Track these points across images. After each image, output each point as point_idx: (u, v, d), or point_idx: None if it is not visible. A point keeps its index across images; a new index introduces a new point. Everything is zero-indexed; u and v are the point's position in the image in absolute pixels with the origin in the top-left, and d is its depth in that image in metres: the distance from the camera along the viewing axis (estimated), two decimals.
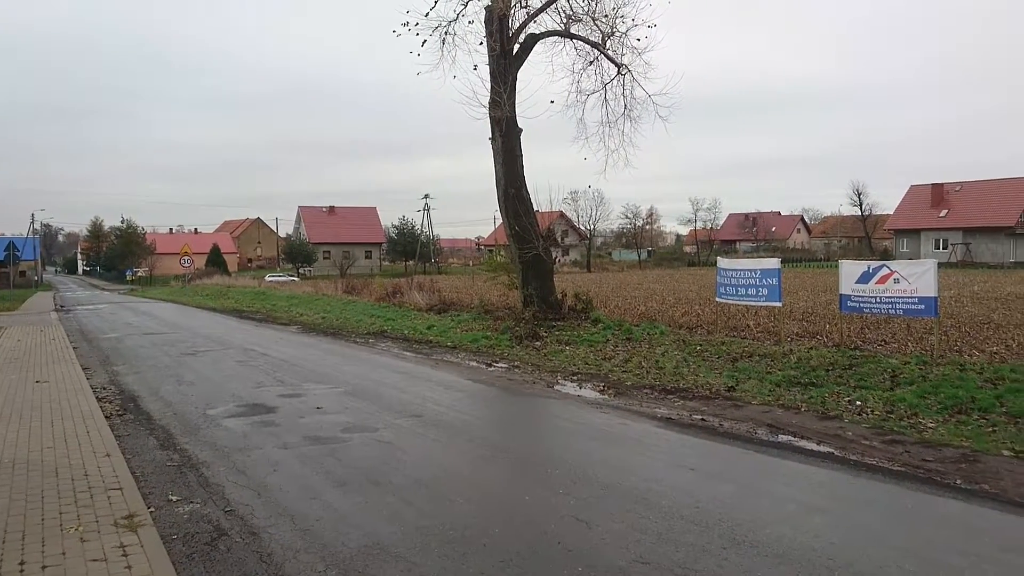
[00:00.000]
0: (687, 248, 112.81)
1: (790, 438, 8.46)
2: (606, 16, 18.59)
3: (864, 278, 13.00)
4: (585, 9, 18.81)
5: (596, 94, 19.53)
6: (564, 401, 10.98)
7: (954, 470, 7.06)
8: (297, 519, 5.97)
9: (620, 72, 19.15)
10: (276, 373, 13.70)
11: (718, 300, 16.43)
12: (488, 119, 18.66)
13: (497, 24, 18.07)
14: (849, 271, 13.45)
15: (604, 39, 18.89)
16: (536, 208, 19.64)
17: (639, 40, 18.65)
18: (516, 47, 18.62)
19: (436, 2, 18.28)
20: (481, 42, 18.61)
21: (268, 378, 13.14)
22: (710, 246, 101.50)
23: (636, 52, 18.75)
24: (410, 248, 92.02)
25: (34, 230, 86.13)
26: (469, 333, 18.25)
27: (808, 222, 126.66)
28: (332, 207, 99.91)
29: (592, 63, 19.47)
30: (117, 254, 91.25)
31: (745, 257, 68.12)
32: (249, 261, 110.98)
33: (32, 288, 66.18)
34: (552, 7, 18.78)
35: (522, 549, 5.29)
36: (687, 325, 17.58)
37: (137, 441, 8.75)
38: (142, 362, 15.73)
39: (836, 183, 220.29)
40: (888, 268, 12.84)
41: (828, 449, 7.93)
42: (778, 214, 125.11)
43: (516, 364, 14.33)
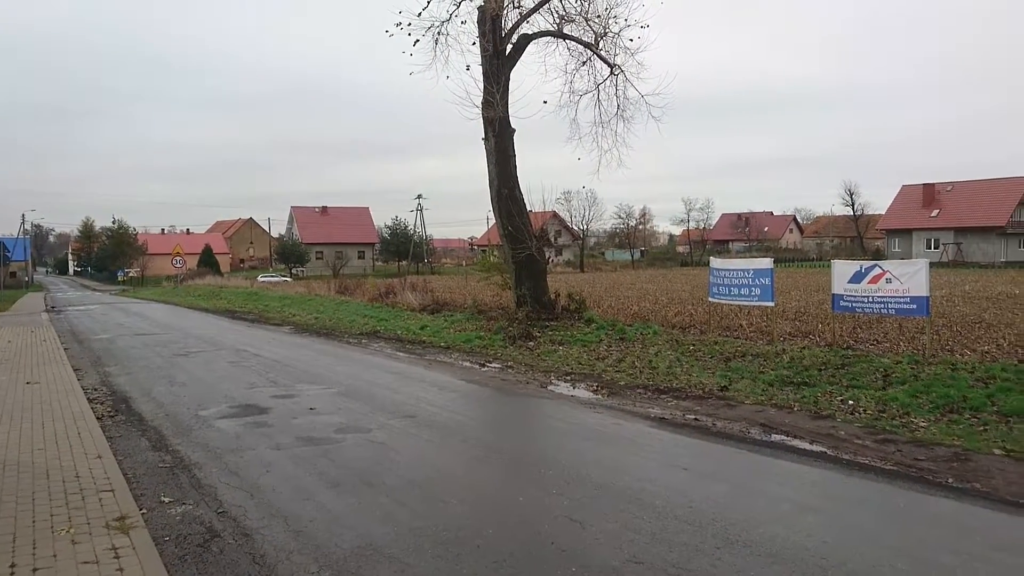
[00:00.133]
0: (680, 248, 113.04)
1: (783, 438, 8.48)
2: (599, 16, 18.62)
3: (856, 278, 13.06)
4: (578, 9, 18.85)
5: (589, 94, 19.58)
6: (558, 401, 10.98)
7: (946, 469, 7.09)
8: (290, 520, 5.96)
9: (613, 72, 19.18)
10: (269, 374, 13.66)
11: (711, 300, 16.46)
12: (481, 119, 18.67)
13: (490, 24, 18.07)
14: (841, 271, 13.51)
15: (597, 39, 18.91)
16: (529, 208, 19.67)
17: (632, 40, 18.72)
18: (509, 47, 18.62)
19: (429, 2, 18.29)
20: (474, 42, 18.63)
21: (261, 379, 13.10)
22: (703, 246, 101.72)
23: (629, 52, 18.81)
24: (403, 248, 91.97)
25: (25, 230, 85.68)
26: (462, 333, 18.24)
27: (800, 222, 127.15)
28: (325, 207, 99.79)
29: (585, 63, 19.51)
30: (108, 255, 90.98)
31: (738, 257, 68.34)
32: (241, 262, 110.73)
33: (23, 289, 65.93)
34: (545, 7, 18.80)
35: (516, 550, 5.29)
36: (680, 325, 17.60)
37: (129, 442, 8.71)
38: (134, 363, 15.66)
39: (829, 183, 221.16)
40: (880, 268, 12.90)
41: (821, 448, 7.95)
42: (771, 214, 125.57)
43: (509, 364, 14.33)
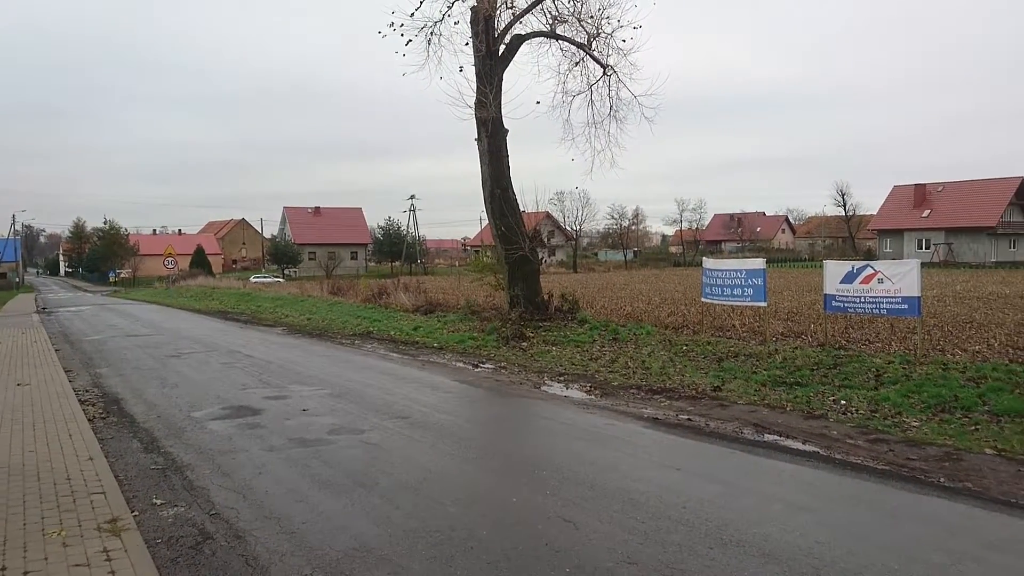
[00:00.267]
0: (673, 248, 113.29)
1: (776, 438, 8.50)
2: (591, 17, 18.63)
3: (848, 278, 13.10)
4: (571, 10, 18.86)
5: (582, 95, 19.58)
6: (551, 402, 10.98)
7: (937, 468, 7.12)
8: (283, 522, 5.94)
9: (606, 73, 19.19)
10: (261, 375, 13.62)
11: (704, 300, 16.49)
12: (474, 120, 18.64)
13: (483, 25, 18.05)
14: (833, 271, 13.56)
15: (590, 40, 18.93)
16: (522, 209, 19.67)
17: (625, 41, 18.76)
18: (502, 48, 18.61)
19: (422, 2, 18.26)
20: (467, 43, 18.60)
21: (253, 380, 13.06)
22: (696, 246, 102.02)
23: (622, 53, 18.83)
24: (396, 249, 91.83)
25: (15, 231, 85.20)
26: (455, 334, 18.22)
27: (792, 222, 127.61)
28: (317, 208, 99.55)
29: (578, 64, 19.51)
30: (100, 255, 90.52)
31: (730, 257, 68.50)
32: (234, 262, 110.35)
33: (13, 290, 65.53)
34: (538, 8, 18.81)
35: (510, 550, 5.29)
36: (673, 325, 17.63)
37: (120, 444, 8.67)
38: (125, 364, 15.59)
39: (820, 184, 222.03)
40: (872, 268, 12.95)
41: (814, 448, 7.97)
42: (763, 214, 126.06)
43: (503, 365, 14.32)
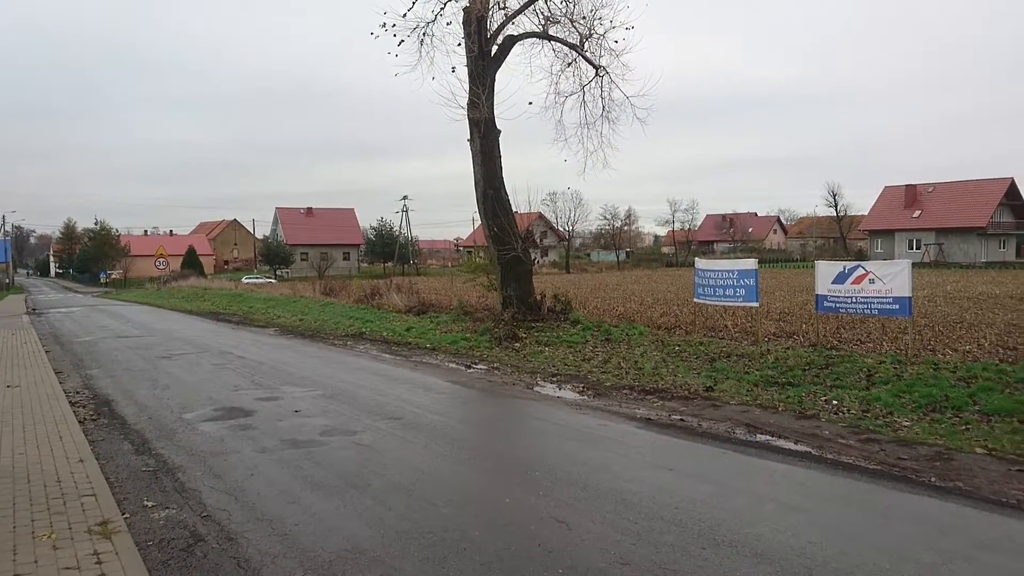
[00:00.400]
0: (665, 249, 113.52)
1: (768, 438, 8.51)
2: (584, 18, 18.65)
3: (840, 278, 13.15)
4: (563, 11, 18.87)
5: (574, 96, 19.61)
6: (544, 402, 10.98)
7: (929, 468, 7.15)
8: (275, 524, 5.91)
9: (598, 74, 19.22)
10: (253, 376, 13.57)
11: (696, 301, 16.52)
12: (467, 120, 18.65)
13: (475, 25, 18.05)
14: (825, 271, 13.60)
15: (582, 41, 18.95)
16: (515, 209, 19.68)
17: (617, 42, 18.79)
18: (494, 48, 18.61)
19: (414, 3, 18.26)
20: (459, 43, 18.61)
21: (245, 381, 13.01)
22: (688, 247, 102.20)
23: (614, 54, 18.87)
24: (389, 249, 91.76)
25: (5, 232, 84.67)
26: (448, 335, 18.20)
27: (784, 223, 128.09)
28: (310, 208, 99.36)
29: (570, 65, 19.53)
30: (90, 256, 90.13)
31: (722, 258, 68.60)
32: (226, 263, 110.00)
33: (3, 291, 65.12)
34: (530, 8, 18.82)
35: (502, 551, 5.28)
36: (665, 326, 17.66)
37: (111, 446, 8.62)
38: (116, 366, 15.51)
39: (812, 184, 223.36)
40: (863, 268, 13.00)
41: (806, 448, 7.99)
42: (755, 215, 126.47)
43: (496, 365, 14.31)
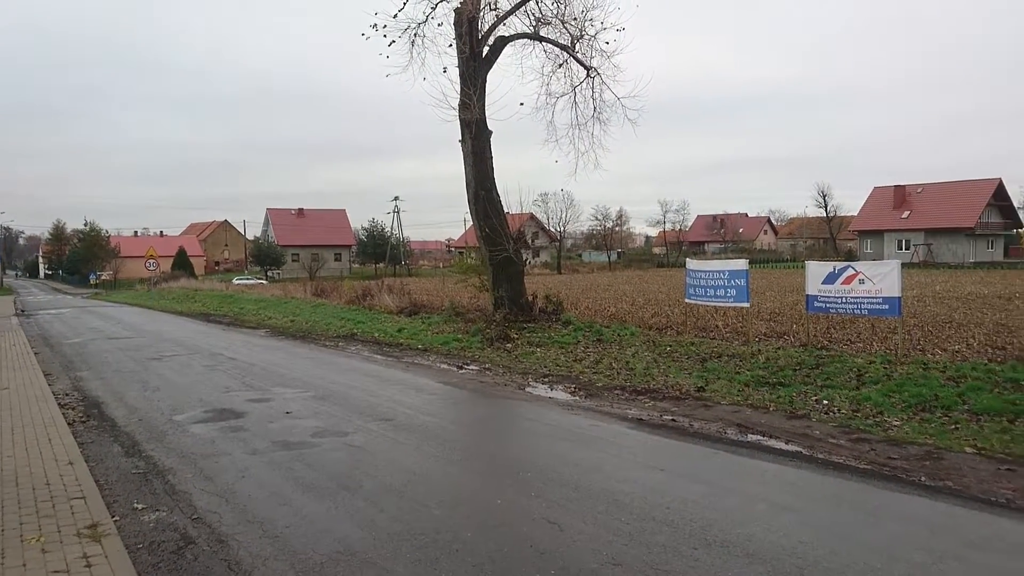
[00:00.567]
0: (656, 249, 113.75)
1: (759, 438, 8.54)
2: (575, 19, 18.64)
3: (830, 279, 13.21)
4: (554, 12, 18.86)
5: (566, 97, 19.59)
6: (536, 403, 10.98)
7: (919, 467, 7.18)
8: (266, 526, 5.89)
9: (589, 75, 19.23)
10: (244, 377, 13.52)
11: (687, 301, 16.56)
12: (458, 121, 18.63)
13: (466, 26, 18.03)
14: (815, 272, 13.66)
15: (573, 42, 18.95)
16: (506, 210, 19.68)
17: (608, 43, 18.78)
18: (486, 49, 18.60)
19: (405, 3, 18.21)
20: (450, 44, 18.58)
21: (236, 383, 12.96)
22: (679, 247, 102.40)
23: (605, 55, 18.86)
24: (380, 250, 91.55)
25: None
26: (440, 335, 18.18)
27: (774, 223, 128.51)
28: (301, 209, 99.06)
29: (561, 66, 19.52)
30: (80, 257, 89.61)
31: (713, 258, 68.80)
32: (216, 264, 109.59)
33: None
34: (521, 9, 18.80)
35: (494, 552, 5.28)
36: (657, 326, 17.70)
37: (101, 448, 8.57)
38: (106, 367, 15.42)
39: (802, 185, 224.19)
40: (853, 269, 13.07)
41: (797, 448, 8.02)
42: (745, 216, 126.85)
43: (487, 366, 14.31)
